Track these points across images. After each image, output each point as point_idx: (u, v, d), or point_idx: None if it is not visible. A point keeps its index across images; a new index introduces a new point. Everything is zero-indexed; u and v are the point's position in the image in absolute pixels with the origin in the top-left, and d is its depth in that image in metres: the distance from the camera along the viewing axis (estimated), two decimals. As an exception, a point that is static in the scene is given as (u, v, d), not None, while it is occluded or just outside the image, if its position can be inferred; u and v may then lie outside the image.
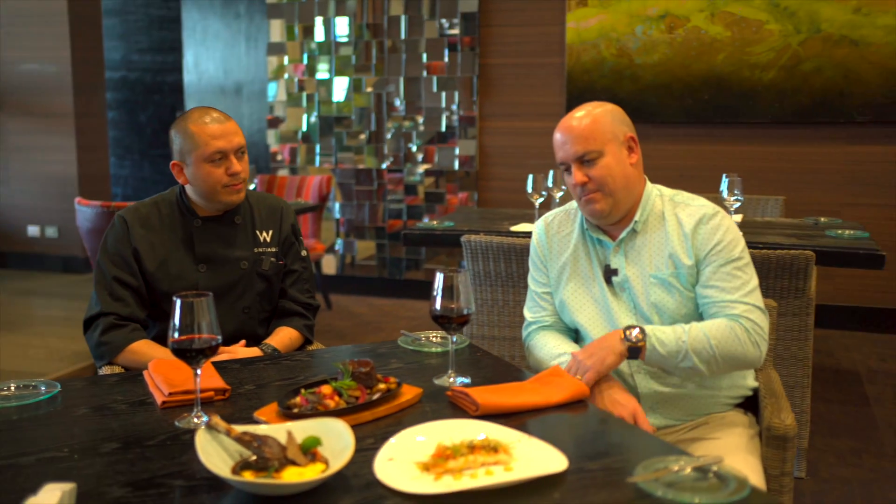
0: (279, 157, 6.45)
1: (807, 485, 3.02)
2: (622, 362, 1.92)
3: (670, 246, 2.02)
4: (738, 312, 1.93)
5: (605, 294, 2.07)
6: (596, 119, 2.02)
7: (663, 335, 1.90)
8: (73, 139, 6.84)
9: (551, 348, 2.09)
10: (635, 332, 1.90)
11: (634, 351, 1.89)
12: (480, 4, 5.79)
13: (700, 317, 2.02)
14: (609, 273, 2.07)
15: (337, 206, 6.31)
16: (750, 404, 2.11)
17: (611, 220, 2.06)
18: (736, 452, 1.85)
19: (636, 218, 2.05)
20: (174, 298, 1.57)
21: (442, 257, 6.12)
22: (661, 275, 2.01)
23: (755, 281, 1.99)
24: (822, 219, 4.18)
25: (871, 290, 5.16)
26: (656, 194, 2.09)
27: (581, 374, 1.88)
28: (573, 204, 2.21)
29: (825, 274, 5.07)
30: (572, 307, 2.12)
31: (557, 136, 2.06)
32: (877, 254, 3.39)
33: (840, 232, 3.72)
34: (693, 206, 2.05)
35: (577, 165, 2.02)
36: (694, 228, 2.01)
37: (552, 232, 2.19)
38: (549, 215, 2.24)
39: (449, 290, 1.80)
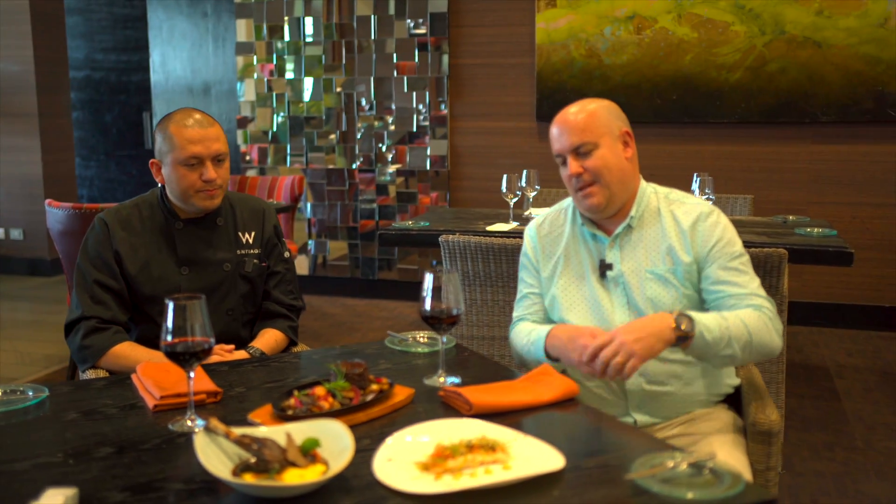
0: (248, 158, 6.41)
1: (783, 478, 3.08)
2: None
3: (667, 241, 2.04)
4: (758, 303, 1.96)
5: (598, 289, 2.09)
6: (591, 113, 2.05)
7: (708, 321, 1.85)
8: (38, 139, 6.74)
9: (525, 333, 2.13)
10: (685, 320, 1.83)
11: (681, 339, 1.83)
12: (450, 5, 5.80)
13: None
14: (604, 268, 2.09)
15: (308, 206, 6.29)
16: (732, 400, 2.14)
17: (606, 214, 2.08)
18: (722, 447, 1.88)
19: (632, 213, 2.07)
20: (166, 301, 1.56)
21: (414, 257, 6.12)
22: (657, 270, 2.04)
23: (755, 275, 2.03)
24: (791, 217, 4.26)
25: (838, 286, 5.26)
26: (651, 191, 2.12)
27: (624, 357, 1.76)
28: (564, 203, 2.24)
29: (792, 271, 5.15)
30: (563, 304, 2.13)
31: (553, 129, 2.09)
32: (845, 251, 3.46)
33: (809, 230, 3.79)
34: (688, 203, 2.09)
35: (572, 157, 2.05)
36: (692, 226, 2.03)
37: (542, 234, 2.21)
38: (539, 219, 2.27)
39: (438, 291, 1.81)
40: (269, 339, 2.35)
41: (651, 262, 2.05)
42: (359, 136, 6.13)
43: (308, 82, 6.20)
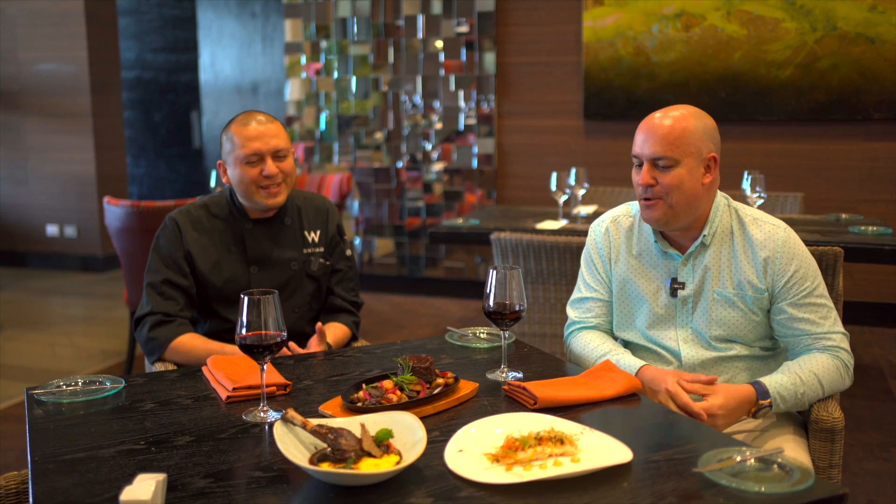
0: (294, 156, 6.48)
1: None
2: None
3: (738, 265, 2.01)
4: (836, 344, 1.98)
5: (665, 306, 2.08)
6: (687, 127, 1.95)
7: (786, 392, 1.91)
8: (91, 139, 6.88)
9: (594, 346, 2.11)
10: (768, 401, 1.89)
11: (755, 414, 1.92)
12: (497, 4, 5.82)
13: (769, 339, 2.06)
14: (675, 286, 2.06)
15: (356, 204, 6.35)
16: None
17: (665, 229, 2.04)
18: (784, 444, 1.89)
19: (705, 232, 2.02)
20: (241, 296, 1.62)
21: (460, 255, 6.16)
22: (726, 292, 2.01)
23: (829, 298, 2.02)
24: (843, 215, 4.22)
25: (890, 285, 5.19)
26: (724, 205, 2.06)
27: (708, 422, 1.83)
28: (631, 209, 2.18)
29: (844, 270, 5.07)
30: (626, 315, 2.15)
31: (642, 130, 2.00)
32: (901, 250, 3.43)
33: (863, 228, 3.75)
34: (763, 224, 2.03)
35: (649, 165, 1.98)
36: (767, 257, 1.99)
37: (621, 235, 2.15)
38: (613, 217, 2.19)
39: (502, 287, 1.84)
40: (335, 331, 2.42)
41: (720, 284, 2.02)
42: (405, 135, 6.18)
43: (355, 81, 6.26)
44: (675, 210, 1.98)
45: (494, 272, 1.85)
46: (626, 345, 2.18)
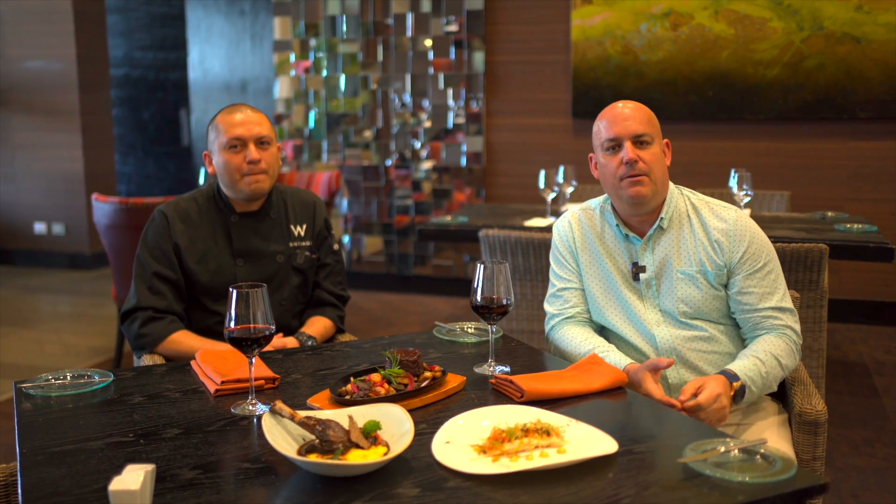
0: (283, 154, 6.49)
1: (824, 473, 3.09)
2: None
3: (697, 244, 2.08)
4: (784, 324, 2.03)
5: (631, 291, 2.12)
6: (651, 112, 2.12)
7: (753, 374, 1.93)
8: (79, 136, 6.86)
9: (579, 341, 2.13)
10: (739, 383, 1.91)
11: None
12: (486, 2, 5.83)
13: (730, 317, 2.09)
14: (637, 270, 2.12)
15: (344, 202, 6.36)
16: (775, 393, 2.16)
17: (646, 209, 2.10)
18: (768, 437, 1.91)
19: (662, 215, 2.10)
20: (230, 289, 1.62)
21: (449, 253, 6.17)
22: (688, 270, 2.07)
23: (782, 278, 2.08)
24: (829, 213, 4.25)
25: (876, 283, 5.23)
26: (677, 193, 2.16)
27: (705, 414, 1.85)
28: (590, 203, 2.25)
29: (831, 268, 5.11)
30: (598, 304, 2.17)
31: (611, 115, 2.09)
32: (886, 247, 3.46)
33: (848, 226, 3.79)
34: (715, 207, 2.12)
35: (631, 143, 2.05)
36: (721, 234, 2.07)
37: (583, 226, 2.21)
38: (573, 212, 2.26)
39: (490, 282, 1.85)
40: (318, 326, 2.42)
41: (682, 263, 2.09)
42: (394, 133, 6.19)
43: (344, 79, 6.27)
44: (657, 186, 2.07)
45: (482, 267, 1.86)
46: (602, 331, 2.22)
